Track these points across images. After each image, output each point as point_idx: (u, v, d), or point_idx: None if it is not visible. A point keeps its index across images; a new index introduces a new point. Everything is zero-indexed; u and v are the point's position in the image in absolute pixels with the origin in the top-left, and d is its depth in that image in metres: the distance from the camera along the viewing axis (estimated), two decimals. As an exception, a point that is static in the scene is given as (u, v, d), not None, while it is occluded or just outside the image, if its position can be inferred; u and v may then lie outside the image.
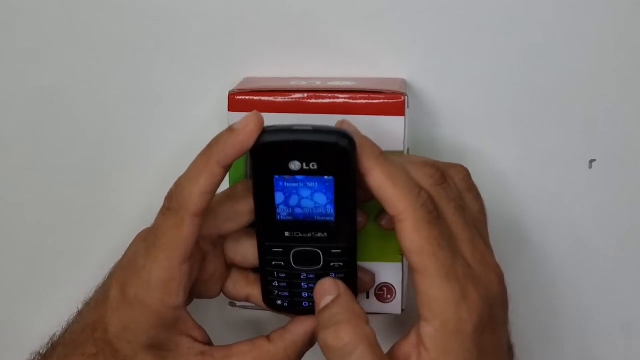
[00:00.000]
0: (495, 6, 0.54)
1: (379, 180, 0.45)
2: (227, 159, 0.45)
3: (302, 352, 0.51)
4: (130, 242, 0.52)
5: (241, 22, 0.56)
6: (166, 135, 0.59)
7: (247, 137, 0.44)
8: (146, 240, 0.49)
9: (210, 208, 0.48)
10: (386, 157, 0.46)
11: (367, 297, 0.54)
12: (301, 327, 0.51)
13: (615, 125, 0.57)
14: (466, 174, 0.50)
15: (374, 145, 0.46)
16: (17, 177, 0.62)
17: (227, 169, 0.46)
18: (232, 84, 0.54)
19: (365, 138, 0.46)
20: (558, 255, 0.60)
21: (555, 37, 0.55)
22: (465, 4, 0.55)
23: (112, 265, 0.52)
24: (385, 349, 0.48)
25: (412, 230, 0.44)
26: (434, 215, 0.45)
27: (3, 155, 0.62)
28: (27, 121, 0.61)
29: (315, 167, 0.45)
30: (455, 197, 0.47)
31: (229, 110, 0.51)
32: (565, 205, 0.59)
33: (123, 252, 0.52)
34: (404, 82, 0.54)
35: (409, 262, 0.45)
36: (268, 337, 0.51)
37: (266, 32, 0.56)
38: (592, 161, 0.58)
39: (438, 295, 0.45)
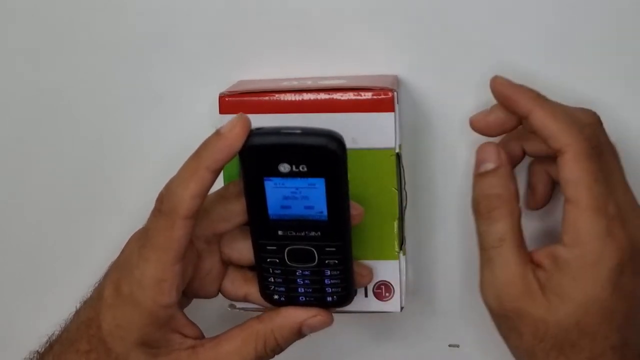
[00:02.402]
0: (494, 4, 0.54)
1: (541, 118, 0.47)
2: (216, 163, 0.46)
3: (290, 340, 0.51)
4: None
5: (239, 22, 0.56)
6: (166, 135, 0.59)
7: (233, 141, 0.45)
8: (139, 240, 0.49)
9: (204, 208, 0.48)
10: (545, 98, 0.48)
11: (366, 296, 0.54)
12: (294, 313, 0.51)
13: (617, 125, 0.56)
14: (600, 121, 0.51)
15: (529, 90, 0.49)
16: (17, 177, 0.63)
17: (216, 172, 0.46)
18: (230, 84, 0.55)
19: (518, 86, 0.49)
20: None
21: (554, 36, 0.54)
22: (464, 2, 0.54)
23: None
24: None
25: (573, 160, 0.46)
26: (597, 151, 0.47)
27: (3, 155, 0.62)
28: (27, 121, 0.61)
29: (305, 169, 0.45)
30: (608, 141, 0.49)
31: (220, 112, 0.52)
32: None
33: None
34: (395, 78, 0.54)
35: (564, 194, 0.47)
36: (258, 317, 0.51)
37: (265, 32, 0.56)
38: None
39: (585, 226, 0.46)
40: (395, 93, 0.50)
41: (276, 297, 0.51)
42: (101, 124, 0.60)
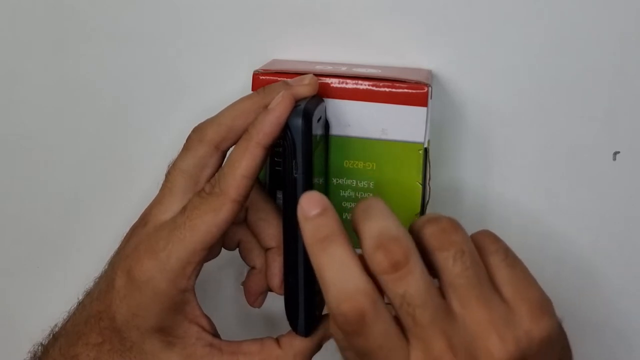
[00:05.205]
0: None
1: (316, 272, 0.43)
2: (267, 137, 0.46)
3: (310, 359, 0.51)
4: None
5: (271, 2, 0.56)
6: (196, 113, 0.55)
7: (282, 113, 0.46)
8: (174, 221, 0.48)
9: None
10: (328, 245, 0.42)
11: None
12: (313, 335, 0.50)
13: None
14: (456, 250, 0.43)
15: (316, 232, 0.43)
16: (37, 166, 0.63)
17: (267, 149, 0.47)
18: (260, 65, 0.54)
19: (309, 221, 0.43)
20: (581, 249, 0.59)
21: (581, 28, 0.54)
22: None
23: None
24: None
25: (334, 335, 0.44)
26: (354, 329, 0.41)
27: (27, 145, 0.63)
28: (55, 111, 0.61)
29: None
30: (408, 294, 0.41)
31: (252, 90, 0.51)
32: (589, 198, 0.58)
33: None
34: (430, 73, 0.54)
35: None
36: (278, 342, 0.50)
37: (300, 15, 0.56)
38: (616, 153, 0.56)
39: None
40: (430, 88, 0.50)
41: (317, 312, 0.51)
42: (128, 108, 0.61)
